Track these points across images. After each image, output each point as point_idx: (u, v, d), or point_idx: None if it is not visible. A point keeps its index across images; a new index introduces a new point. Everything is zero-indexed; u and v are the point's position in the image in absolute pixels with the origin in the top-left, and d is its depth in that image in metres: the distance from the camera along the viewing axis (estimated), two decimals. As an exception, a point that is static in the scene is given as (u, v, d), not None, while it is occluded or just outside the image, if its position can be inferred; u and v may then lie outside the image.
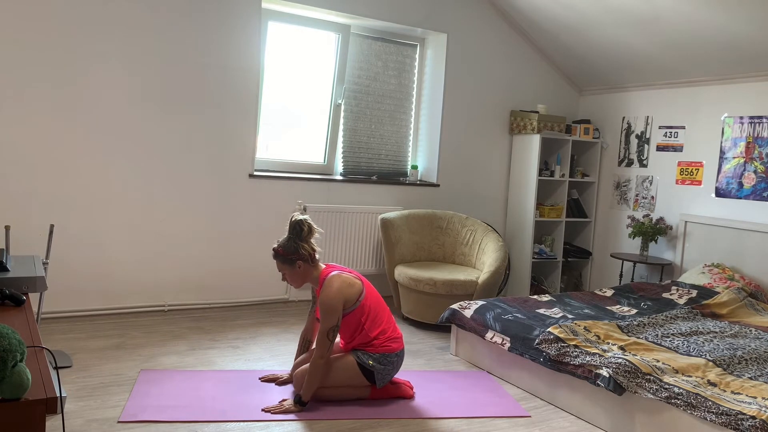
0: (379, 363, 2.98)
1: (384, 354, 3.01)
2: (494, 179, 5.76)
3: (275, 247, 2.99)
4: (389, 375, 3.04)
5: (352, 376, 2.97)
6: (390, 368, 3.02)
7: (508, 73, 5.70)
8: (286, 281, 3.04)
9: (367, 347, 3.02)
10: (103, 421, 2.64)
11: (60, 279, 4.00)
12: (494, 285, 4.42)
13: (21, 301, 2.25)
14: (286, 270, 2.99)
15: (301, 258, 2.96)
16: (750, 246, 4.61)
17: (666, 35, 4.68)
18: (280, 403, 2.88)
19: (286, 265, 2.98)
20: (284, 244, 2.98)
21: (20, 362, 1.48)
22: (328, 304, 2.87)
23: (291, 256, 2.96)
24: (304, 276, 3.01)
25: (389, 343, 3.04)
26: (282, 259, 2.98)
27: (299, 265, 2.97)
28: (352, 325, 3.00)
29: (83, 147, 4.01)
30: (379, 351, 3.00)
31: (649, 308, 4.03)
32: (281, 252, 2.97)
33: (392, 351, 3.03)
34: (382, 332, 3.04)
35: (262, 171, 4.75)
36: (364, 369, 2.97)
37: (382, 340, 3.03)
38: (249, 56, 4.48)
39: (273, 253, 3.00)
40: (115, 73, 4.05)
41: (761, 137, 4.60)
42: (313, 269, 3.01)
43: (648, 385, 2.74)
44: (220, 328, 4.06)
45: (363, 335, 3.02)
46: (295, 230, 2.98)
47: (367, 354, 2.99)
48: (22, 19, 3.74)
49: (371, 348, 3.01)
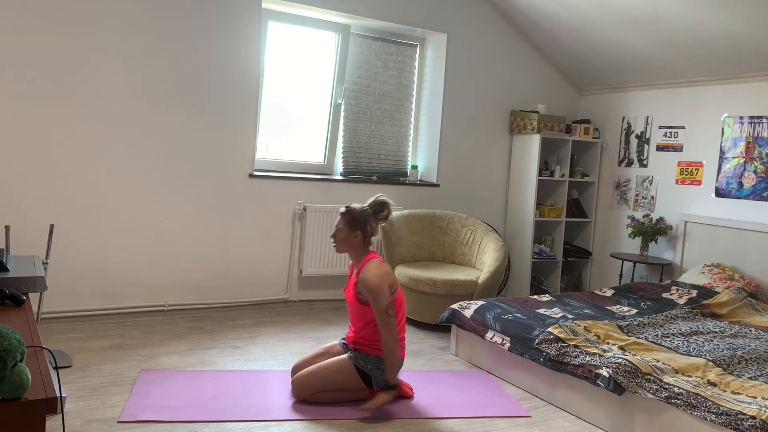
0: (377, 368, 2.98)
1: (383, 359, 3.00)
2: (494, 179, 5.76)
3: (350, 206, 3.05)
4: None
5: (350, 379, 2.97)
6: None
7: (508, 73, 5.70)
8: (334, 240, 3.07)
9: (371, 347, 3.01)
10: (103, 421, 2.64)
11: (60, 279, 4.00)
12: (494, 285, 4.42)
13: (21, 301, 2.25)
14: (344, 232, 3.03)
15: (363, 231, 3.02)
16: (750, 246, 4.61)
17: (666, 35, 4.68)
18: (374, 400, 2.90)
19: (347, 227, 3.02)
20: (360, 210, 3.03)
21: (20, 362, 1.48)
22: (374, 283, 2.89)
23: (358, 223, 3.01)
24: (353, 246, 3.04)
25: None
26: (349, 220, 3.02)
27: (357, 234, 3.02)
28: (373, 315, 2.99)
29: (83, 147, 4.01)
30: (381, 355, 2.98)
31: (649, 308, 4.03)
32: (353, 213, 3.03)
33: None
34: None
35: (262, 171, 4.75)
36: (362, 373, 2.97)
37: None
38: (249, 56, 4.48)
39: (344, 210, 3.05)
40: (116, 73, 4.05)
41: (761, 137, 4.60)
42: (362, 246, 3.05)
43: (648, 385, 2.74)
44: (220, 328, 4.06)
45: (376, 329, 2.98)
46: (376, 207, 3.06)
47: (367, 357, 2.99)
48: (22, 20, 3.74)
49: (375, 348, 3.00)
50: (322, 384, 2.95)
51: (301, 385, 2.97)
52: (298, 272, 4.88)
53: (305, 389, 2.96)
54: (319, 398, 2.97)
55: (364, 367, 2.97)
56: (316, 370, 2.98)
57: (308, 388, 2.96)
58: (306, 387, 2.96)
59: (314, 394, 2.96)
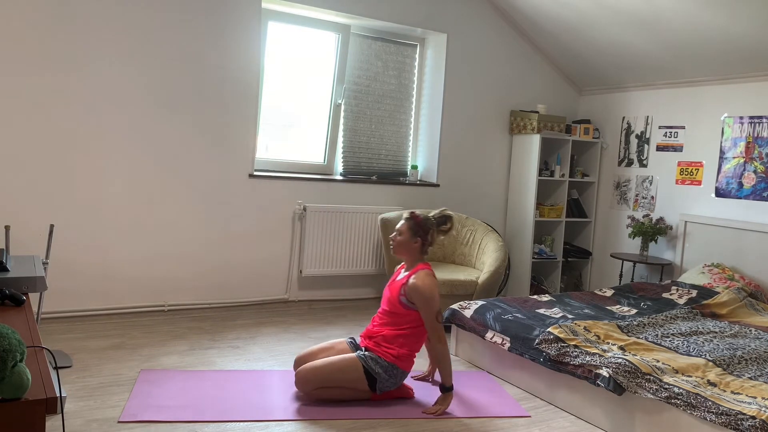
0: (385, 372, 2.99)
1: (394, 366, 3.01)
2: (494, 179, 5.76)
3: (416, 213, 3.15)
4: (389, 387, 3.03)
5: (356, 378, 2.97)
6: (393, 381, 3.03)
7: (508, 73, 5.70)
8: (392, 242, 3.16)
9: (386, 351, 3.02)
10: (103, 421, 2.64)
11: (60, 279, 3.99)
12: (494, 285, 4.42)
13: (21, 301, 2.25)
14: (405, 236, 3.11)
15: (424, 239, 3.11)
16: (750, 246, 4.61)
17: (666, 35, 4.68)
18: (438, 404, 3.00)
19: (410, 231, 3.11)
20: (425, 218, 3.13)
21: (20, 362, 1.48)
22: (428, 291, 2.98)
23: (420, 230, 3.10)
24: (410, 252, 3.12)
25: (406, 360, 3.05)
26: (412, 226, 3.11)
27: (417, 241, 3.10)
28: (405, 318, 3.03)
29: (83, 147, 4.01)
30: (392, 361, 3.00)
31: (649, 308, 4.02)
32: (418, 220, 3.11)
33: (403, 368, 3.05)
34: (411, 347, 3.07)
35: (262, 171, 4.75)
36: (368, 374, 2.97)
37: (404, 353, 3.04)
38: (249, 56, 4.48)
39: (409, 215, 3.15)
40: (115, 73, 4.05)
41: (761, 137, 4.60)
42: (419, 254, 3.13)
43: (648, 385, 2.74)
44: (220, 328, 4.06)
45: (399, 333, 3.03)
46: (440, 219, 3.16)
47: (379, 360, 2.99)
48: (21, 20, 3.74)
49: (389, 351, 3.01)
50: (326, 380, 2.95)
51: (304, 379, 2.96)
52: (298, 272, 4.88)
53: (308, 383, 2.96)
54: (320, 394, 2.97)
55: (372, 369, 2.96)
56: (322, 365, 2.97)
57: (311, 383, 2.95)
58: (309, 381, 2.95)
59: (316, 389, 2.96)
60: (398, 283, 3.11)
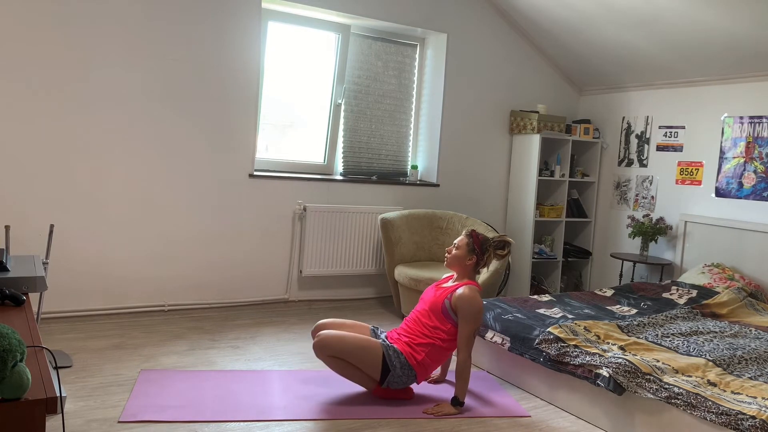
0: (401, 369, 3.00)
1: (412, 368, 3.03)
2: (494, 179, 5.76)
3: (476, 232, 3.22)
4: (395, 385, 3.04)
5: (372, 363, 2.98)
6: (402, 381, 3.04)
7: (508, 73, 5.70)
8: (447, 254, 3.22)
9: (409, 351, 3.04)
10: (103, 421, 2.64)
11: (60, 279, 4.00)
12: (494, 285, 4.42)
13: (21, 301, 2.25)
14: (462, 251, 3.17)
15: (479, 258, 3.18)
16: (750, 246, 4.61)
17: (666, 35, 4.68)
18: (437, 406, 3.00)
19: (467, 248, 3.17)
20: (484, 239, 3.21)
21: (20, 362, 1.48)
22: (475, 307, 3.03)
23: (477, 249, 3.17)
24: (463, 267, 3.18)
25: (425, 369, 3.08)
26: (470, 242, 3.18)
27: (472, 258, 3.17)
28: (441, 329, 3.06)
29: (83, 147, 4.01)
30: (412, 363, 3.03)
31: (649, 308, 4.02)
32: (477, 240, 3.19)
33: (418, 374, 3.07)
34: (435, 359, 3.09)
35: (262, 171, 4.75)
36: (384, 364, 2.99)
37: (428, 362, 3.07)
38: (249, 56, 4.48)
39: (470, 232, 3.22)
40: (115, 72, 4.05)
41: (761, 137, 4.60)
42: (471, 272, 3.20)
43: (648, 385, 2.74)
44: (220, 328, 4.06)
45: (430, 342, 3.06)
46: (499, 244, 3.21)
47: (399, 354, 3.02)
48: (21, 20, 3.74)
49: (415, 355, 3.03)
50: (345, 352, 2.96)
51: (324, 342, 2.97)
52: (298, 272, 4.88)
53: (327, 348, 2.97)
54: (331, 363, 3.01)
55: (390, 360, 2.99)
56: (347, 336, 3.00)
57: (330, 349, 2.97)
58: (329, 347, 2.97)
59: (329, 357, 2.99)
60: (446, 289, 3.15)
